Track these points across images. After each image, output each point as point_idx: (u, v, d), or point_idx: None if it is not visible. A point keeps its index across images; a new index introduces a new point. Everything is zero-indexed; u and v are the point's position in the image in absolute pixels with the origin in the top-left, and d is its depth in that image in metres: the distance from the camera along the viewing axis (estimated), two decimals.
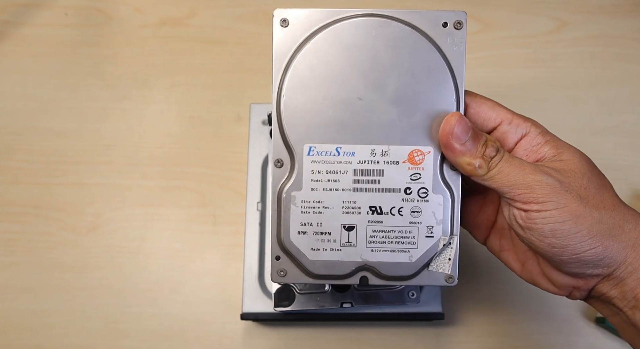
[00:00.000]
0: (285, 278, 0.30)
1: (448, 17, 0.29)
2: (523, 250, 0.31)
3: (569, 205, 0.27)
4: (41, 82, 0.52)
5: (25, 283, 0.45)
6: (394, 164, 0.29)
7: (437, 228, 0.30)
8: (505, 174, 0.27)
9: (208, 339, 0.44)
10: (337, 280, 0.30)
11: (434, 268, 0.30)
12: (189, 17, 0.54)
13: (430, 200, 0.30)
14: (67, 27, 0.54)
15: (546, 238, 0.27)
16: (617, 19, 0.54)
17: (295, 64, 0.29)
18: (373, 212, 0.30)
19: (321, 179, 0.29)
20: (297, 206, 0.29)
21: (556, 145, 0.29)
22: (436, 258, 0.30)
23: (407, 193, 0.30)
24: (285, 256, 0.30)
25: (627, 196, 0.48)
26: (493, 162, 0.28)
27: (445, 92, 0.29)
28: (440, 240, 0.30)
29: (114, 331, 0.44)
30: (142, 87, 0.52)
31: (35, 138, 0.50)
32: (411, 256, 0.30)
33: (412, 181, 0.29)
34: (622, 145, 0.50)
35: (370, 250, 0.30)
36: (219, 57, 0.53)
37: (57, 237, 0.47)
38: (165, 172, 0.49)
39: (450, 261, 0.30)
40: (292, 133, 0.29)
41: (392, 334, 0.44)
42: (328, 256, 0.30)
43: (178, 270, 0.46)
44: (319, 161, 0.29)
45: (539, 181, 0.27)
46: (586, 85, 0.52)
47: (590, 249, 0.27)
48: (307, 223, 0.30)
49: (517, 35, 0.54)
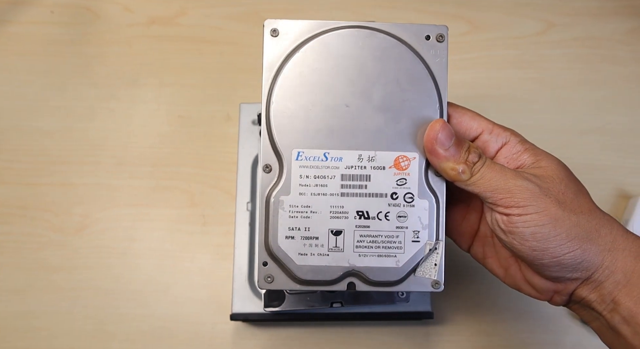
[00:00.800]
0: (273, 284, 0.30)
1: (431, 30, 0.31)
2: (505, 257, 0.32)
3: (549, 209, 0.28)
4: (27, 81, 0.51)
5: (12, 284, 0.45)
6: (381, 169, 0.30)
7: (423, 233, 0.30)
8: (488, 179, 0.28)
9: (198, 340, 0.44)
10: (324, 286, 0.30)
11: (421, 273, 0.30)
12: (179, 16, 0.54)
13: (416, 205, 0.30)
14: (54, 25, 0.53)
15: (527, 241, 0.28)
16: (602, 21, 0.55)
17: (285, 72, 0.30)
18: (360, 216, 0.30)
19: (309, 183, 0.30)
20: (285, 210, 0.30)
21: (535, 153, 0.30)
22: (422, 263, 0.30)
23: (393, 198, 0.30)
24: (272, 262, 0.30)
25: (612, 196, 0.49)
26: (476, 167, 0.29)
27: (429, 101, 0.30)
28: (427, 245, 0.30)
29: (103, 332, 0.44)
30: (131, 86, 0.51)
31: (22, 138, 0.49)
32: (398, 261, 0.30)
33: (398, 186, 0.30)
34: (608, 145, 0.50)
35: (358, 255, 0.30)
36: (208, 57, 0.53)
37: (44, 238, 0.46)
38: (155, 172, 0.48)
39: (437, 267, 0.30)
40: (281, 138, 0.30)
41: (382, 333, 0.44)
42: (316, 261, 0.30)
43: (167, 271, 0.45)
44: (307, 166, 0.30)
45: (520, 186, 0.28)
46: (573, 86, 0.53)
47: (569, 252, 0.28)
48: (295, 228, 0.30)
49: (505, 36, 0.54)
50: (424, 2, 0.55)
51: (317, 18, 0.55)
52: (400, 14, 0.55)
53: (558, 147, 0.50)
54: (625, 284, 0.28)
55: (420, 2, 0.55)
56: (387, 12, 0.55)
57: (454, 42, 0.54)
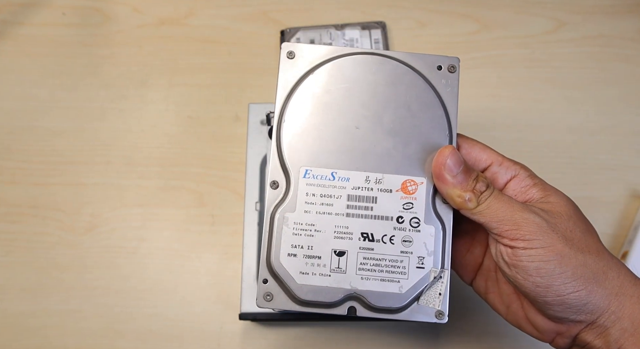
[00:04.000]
0: (272, 303, 0.29)
1: (442, 61, 0.32)
2: (508, 293, 0.31)
3: (555, 245, 0.27)
4: (39, 82, 0.52)
5: (22, 283, 0.45)
6: (387, 192, 0.30)
7: (428, 259, 0.29)
8: (494, 209, 0.28)
9: (206, 340, 0.44)
10: (324, 308, 0.29)
11: (424, 302, 0.29)
12: (188, 16, 0.54)
13: (422, 230, 0.30)
14: (65, 26, 0.54)
15: (531, 276, 0.27)
16: (614, 19, 0.54)
17: (298, 91, 0.31)
18: (365, 238, 0.30)
19: (315, 202, 0.30)
20: (289, 227, 0.30)
21: (544, 188, 0.30)
22: (426, 292, 0.29)
23: (399, 222, 0.30)
24: (273, 280, 0.29)
25: (624, 196, 0.48)
26: (483, 196, 0.28)
27: (438, 128, 0.31)
28: (431, 272, 0.29)
29: (112, 331, 0.44)
30: (141, 87, 0.52)
31: (33, 138, 0.50)
32: (401, 286, 0.29)
33: (405, 210, 0.30)
34: (620, 145, 0.50)
35: (360, 278, 0.29)
36: (217, 57, 0.53)
37: (55, 237, 0.47)
38: (164, 172, 0.49)
39: (441, 296, 0.29)
40: (290, 156, 0.30)
41: (390, 334, 0.44)
42: (317, 281, 0.29)
43: (176, 270, 0.46)
44: (314, 184, 0.30)
45: (527, 219, 0.27)
46: (583, 85, 0.52)
47: (574, 292, 0.27)
48: (298, 246, 0.29)
49: (515, 35, 0.54)
50: (432, 1, 0.55)
51: (325, 18, 0.55)
52: (409, 13, 0.55)
53: (569, 147, 0.50)
54: (632, 333, 0.27)
55: (429, 1, 0.55)
56: (395, 11, 0.55)
57: (463, 41, 0.54)
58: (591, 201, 0.48)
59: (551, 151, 0.50)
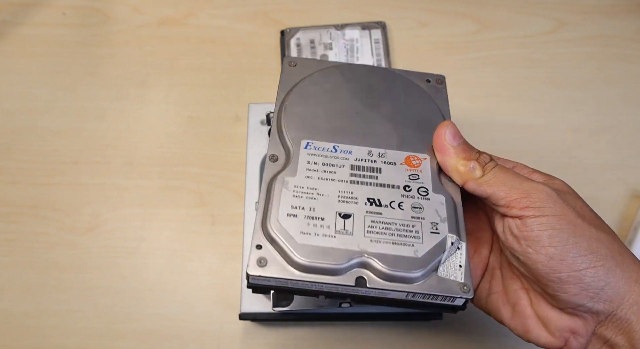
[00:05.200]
0: (266, 269, 0.25)
1: (430, 76, 0.34)
2: (514, 289, 0.29)
3: (567, 214, 0.25)
4: (39, 82, 0.52)
5: (23, 283, 0.45)
6: (392, 164, 0.29)
7: (442, 225, 0.27)
8: (502, 178, 0.26)
9: (206, 340, 0.44)
10: (328, 276, 0.25)
11: (444, 273, 0.26)
12: (188, 17, 0.54)
13: (432, 199, 0.28)
14: (65, 26, 0.54)
15: (544, 248, 0.25)
16: (614, 19, 0.54)
17: (300, 85, 0.32)
18: (371, 203, 0.27)
19: (317, 169, 0.28)
20: (289, 189, 0.27)
21: (545, 174, 0.29)
22: (445, 262, 0.26)
23: (406, 190, 0.28)
24: (269, 244, 0.26)
25: (625, 196, 0.48)
26: (488, 167, 0.27)
27: (435, 116, 0.32)
28: (448, 237, 0.26)
29: (112, 331, 0.44)
30: (141, 87, 0.52)
31: (33, 138, 0.50)
32: (416, 250, 0.25)
33: (411, 181, 0.28)
34: (620, 145, 0.50)
35: (369, 240, 0.26)
36: (217, 57, 0.53)
37: (55, 237, 0.47)
38: (164, 172, 0.49)
39: (462, 268, 0.26)
40: (290, 132, 0.30)
41: (391, 333, 0.44)
42: (320, 242, 0.25)
43: (176, 270, 0.46)
44: (315, 154, 0.29)
45: (536, 188, 0.26)
46: (584, 85, 0.52)
47: (591, 267, 0.24)
48: (299, 207, 0.26)
49: (515, 35, 0.54)
50: (432, 1, 0.55)
51: (325, 18, 0.55)
52: (409, 13, 0.55)
53: (569, 147, 0.50)
54: None
55: (429, 1, 0.55)
56: (395, 11, 0.55)
57: (463, 41, 0.54)
58: (591, 201, 0.48)
59: (551, 151, 0.50)
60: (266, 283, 0.25)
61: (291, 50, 0.52)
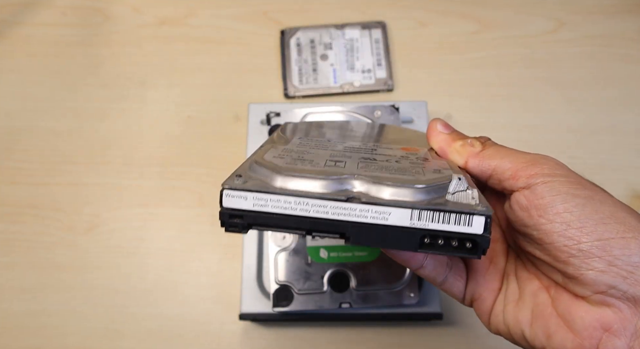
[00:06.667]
0: (245, 183, 0.22)
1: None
2: (531, 291, 0.25)
3: (582, 181, 0.22)
4: (39, 82, 0.52)
5: (23, 284, 0.45)
6: (387, 148, 0.28)
7: (446, 172, 0.23)
8: (504, 152, 0.24)
9: (206, 340, 0.44)
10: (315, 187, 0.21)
11: (455, 198, 0.22)
12: (188, 16, 0.54)
13: (431, 161, 0.25)
14: (66, 26, 0.54)
15: (558, 215, 0.21)
16: (614, 19, 0.54)
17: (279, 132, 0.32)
18: (366, 160, 0.25)
19: (309, 144, 0.28)
20: (277, 149, 0.25)
21: None
22: (455, 194, 0.22)
23: (403, 157, 0.26)
24: (251, 173, 0.23)
25: (625, 196, 0.48)
26: (487, 143, 0.26)
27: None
28: (454, 176, 0.22)
29: (112, 331, 0.44)
30: (141, 86, 0.52)
31: (33, 138, 0.50)
32: (417, 180, 0.22)
33: (408, 155, 0.27)
34: (621, 145, 0.50)
35: (363, 170, 0.23)
36: (217, 57, 0.53)
37: (55, 237, 0.47)
38: (164, 172, 0.49)
39: (475, 198, 0.21)
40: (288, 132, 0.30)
41: (391, 334, 0.44)
42: (308, 168, 0.22)
43: (176, 270, 0.46)
44: (308, 144, 0.28)
45: (543, 156, 0.24)
46: (584, 85, 0.52)
47: (620, 237, 0.20)
48: (287, 155, 0.24)
49: (515, 35, 0.54)
50: (432, 1, 0.55)
51: (325, 18, 0.55)
52: (409, 13, 0.55)
53: (569, 147, 0.50)
54: None
55: (429, 1, 0.55)
56: (395, 11, 0.55)
57: (463, 41, 0.54)
58: None
59: (551, 151, 0.49)
60: (242, 205, 0.22)
61: (291, 50, 0.52)
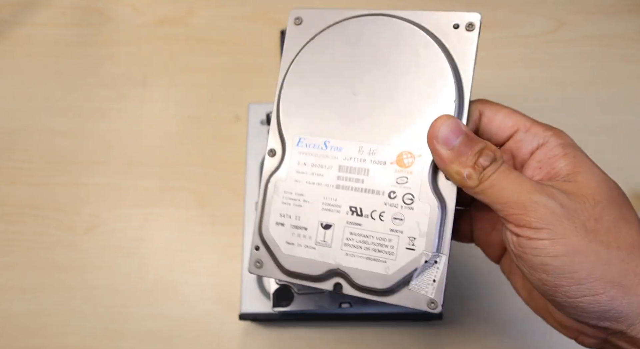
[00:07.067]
0: (262, 270, 0.29)
1: (459, 18, 0.28)
2: None
3: (568, 237, 0.22)
4: (39, 82, 0.52)
5: (23, 284, 0.45)
6: (381, 164, 0.28)
7: (420, 241, 0.26)
8: (499, 189, 0.24)
9: (206, 340, 0.44)
10: (310, 281, 0.28)
11: (415, 287, 0.26)
12: (187, 16, 0.54)
13: (416, 208, 0.27)
14: (65, 26, 0.54)
15: (536, 272, 0.23)
16: (615, 19, 0.54)
17: (300, 57, 0.30)
18: (353, 212, 0.28)
19: (306, 171, 0.29)
20: (279, 195, 0.29)
21: (575, 162, 0.25)
22: (418, 277, 0.26)
23: (390, 197, 0.27)
24: (263, 247, 0.29)
25: None
26: (486, 173, 0.24)
27: (445, 95, 0.27)
28: (422, 255, 0.26)
29: (112, 331, 0.44)
30: (140, 86, 0.52)
31: (32, 138, 0.50)
32: (388, 267, 0.27)
33: (398, 185, 0.27)
34: (621, 145, 0.50)
35: (345, 254, 0.28)
36: (217, 57, 0.53)
37: (54, 237, 0.46)
38: (163, 172, 0.49)
39: (435, 283, 0.26)
40: (287, 123, 0.29)
41: (391, 334, 0.44)
42: (302, 253, 0.28)
43: (176, 270, 0.46)
44: (306, 153, 0.29)
45: (536, 202, 0.23)
46: (585, 85, 0.52)
47: (590, 296, 0.22)
48: (286, 215, 0.29)
49: (515, 35, 0.54)
50: (432, 1, 0.55)
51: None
52: None
53: None
54: None
55: (429, 1, 0.55)
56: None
57: None
58: None
59: None
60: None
61: None
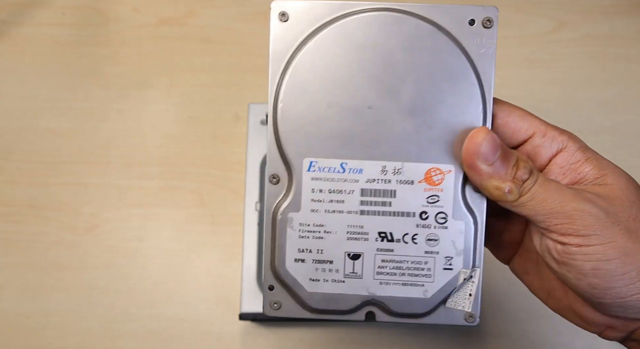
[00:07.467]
0: (281, 311, 0.26)
1: (475, 13, 0.26)
2: (549, 278, 0.27)
3: (616, 240, 0.23)
4: (39, 82, 0.52)
5: (22, 284, 0.45)
6: (409, 184, 0.25)
7: (457, 259, 0.26)
8: (540, 200, 0.23)
9: (206, 340, 0.44)
10: (339, 315, 0.26)
11: (452, 304, 0.26)
12: (187, 16, 0.54)
13: (450, 227, 0.26)
14: (65, 26, 0.54)
15: (586, 278, 0.23)
16: (614, 19, 0.54)
17: (295, 64, 0.25)
18: (382, 239, 0.26)
19: (323, 199, 0.26)
20: (294, 229, 0.26)
21: (599, 165, 0.25)
22: (455, 294, 0.26)
23: (422, 218, 0.26)
24: (280, 286, 0.26)
25: None
26: (526, 186, 0.24)
27: (470, 102, 0.25)
28: (461, 273, 0.26)
29: (112, 331, 0.44)
30: (140, 87, 0.52)
31: (32, 138, 0.50)
32: (426, 290, 0.26)
33: (429, 205, 0.26)
34: (621, 145, 0.50)
35: (379, 283, 0.26)
36: (217, 57, 0.53)
37: (54, 237, 0.46)
38: (164, 172, 0.49)
39: (471, 297, 0.26)
40: (290, 145, 0.25)
41: (391, 334, 0.44)
42: (329, 288, 0.26)
43: (176, 270, 0.46)
44: (320, 178, 0.26)
45: (582, 210, 0.23)
46: (585, 86, 0.52)
47: (638, 294, 0.23)
48: (306, 250, 0.26)
49: (514, 35, 0.54)
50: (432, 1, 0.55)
51: None
52: None
53: None
54: None
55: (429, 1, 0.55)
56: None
57: None
58: None
59: None
60: None
61: None
